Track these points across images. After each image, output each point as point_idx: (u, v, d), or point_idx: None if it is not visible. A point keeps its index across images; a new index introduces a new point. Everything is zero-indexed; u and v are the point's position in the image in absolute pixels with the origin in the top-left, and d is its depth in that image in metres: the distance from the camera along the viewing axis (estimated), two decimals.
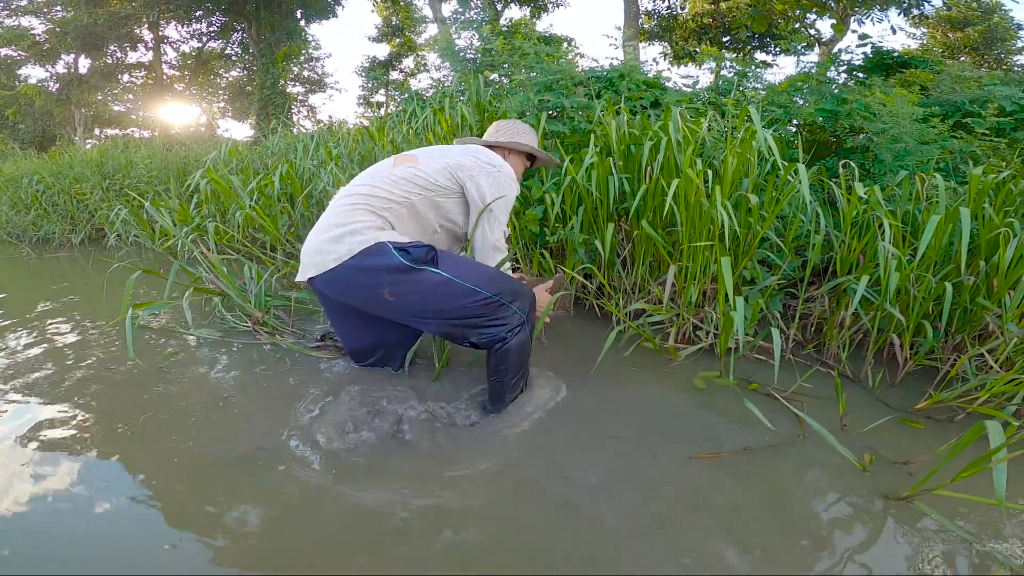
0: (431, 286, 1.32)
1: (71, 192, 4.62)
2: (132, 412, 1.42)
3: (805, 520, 1.02)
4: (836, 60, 3.73)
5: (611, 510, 1.05)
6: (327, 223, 1.39)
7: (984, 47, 12.91)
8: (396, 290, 1.32)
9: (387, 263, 1.30)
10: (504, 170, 1.50)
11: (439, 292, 1.32)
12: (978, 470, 0.93)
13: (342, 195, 1.45)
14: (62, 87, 14.73)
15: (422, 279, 1.31)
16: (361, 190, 1.42)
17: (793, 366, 1.64)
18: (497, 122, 1.75)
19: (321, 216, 1.46)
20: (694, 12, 11.73)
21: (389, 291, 1.33)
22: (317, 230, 1.41)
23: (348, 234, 1.34)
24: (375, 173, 1.47)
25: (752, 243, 1.70)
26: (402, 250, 1.32)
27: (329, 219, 1.40)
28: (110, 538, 0.99)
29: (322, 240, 1.37)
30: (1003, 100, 2.52)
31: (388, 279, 1.31)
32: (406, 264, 1.31)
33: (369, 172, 1.49)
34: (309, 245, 1.42)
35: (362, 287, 1.35)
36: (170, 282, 2.02)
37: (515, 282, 1.42)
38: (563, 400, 1.46)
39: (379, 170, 1.48)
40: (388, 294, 1.33)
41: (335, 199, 1.47)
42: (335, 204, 1.44)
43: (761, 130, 1.67)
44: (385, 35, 14.65)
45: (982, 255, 1.57)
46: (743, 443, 1.27)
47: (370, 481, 1.13)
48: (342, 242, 1.34)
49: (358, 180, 1.47)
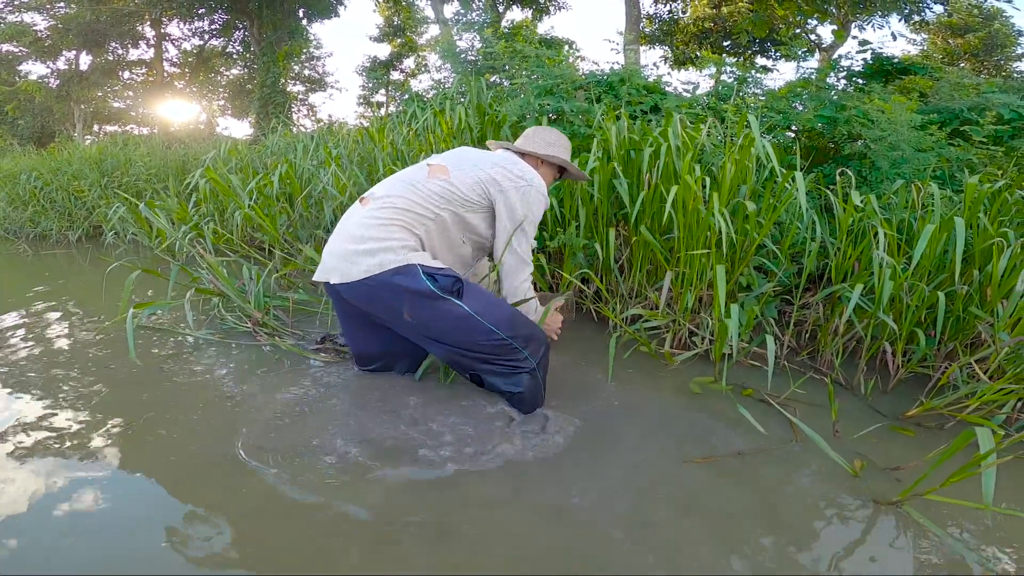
0: (451, 317, 1.33)
1: (69, 189, 4.62)
2: (132, 412, 1.43)
3: (795, 524, 1.03)
4: (836, 66, 3.75)
5: (604, 513, 1.06)
6: (361, 234, 1.37)
7: (984, 53, 12.97)
8: (416, 312, 1.35)
9: (414, 286, 1.32)
10: (535, 184, 1.48)
11: (458, 324, 1.34)
12: (967, 475, 0.95)
13: (378, 204, 1.41)
14: (62, 83, 14.71)
15: (444, 308, 1.33)
16: (397, 203, 1.39)
17: (787, 372, 1.65)
18: (533, 128, 1.71)
19: (347, 219, 1.44)
20: (695, 16, 11.76)
21: (409, 312, 1.35)
22: (347, 237, 1.39)
23: (382, 250, 1.34)
24: (410, 183, 1.44)
25: (749, 250, 1.71)
26: (430, 276, 1.33)
27: (363, 230, 1.37)
28: (108, 537, 0.99)
29: (354, 250, 1.36)
30: (1001, 108, 2.53)
31: (410, 300, 1.33)
32: (432, 290, 1.32)
33: (404, 181, 1.46)
34: (336, 249, 1.40)
35: (384, 302, 1.36)
36: (171, 283, 2.03)
37: (532, 326, 1.42)
38: (558, 403, 1.47)
39: (414, 180, 1.45)
40: (407, 314, 1.35)
41: (367, 206, 1.42)
42: (370, 213, 1.39)
43: (759, 137, 1.68)
44: (386, 35, 14.65)
45: (976, 264, 1.58)
46: (737, 448, 1.28)
47: (365, 483, 1.14)
48: (374, 256, 1.34)
49: (393, 189, 1.44)
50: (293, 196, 2.83)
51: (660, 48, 12.22)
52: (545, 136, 1.67)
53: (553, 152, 1.63)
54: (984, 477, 0.89)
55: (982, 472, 0.89)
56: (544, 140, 1.66)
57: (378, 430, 1.34)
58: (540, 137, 1.67)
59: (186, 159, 4.51)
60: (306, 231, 2.73)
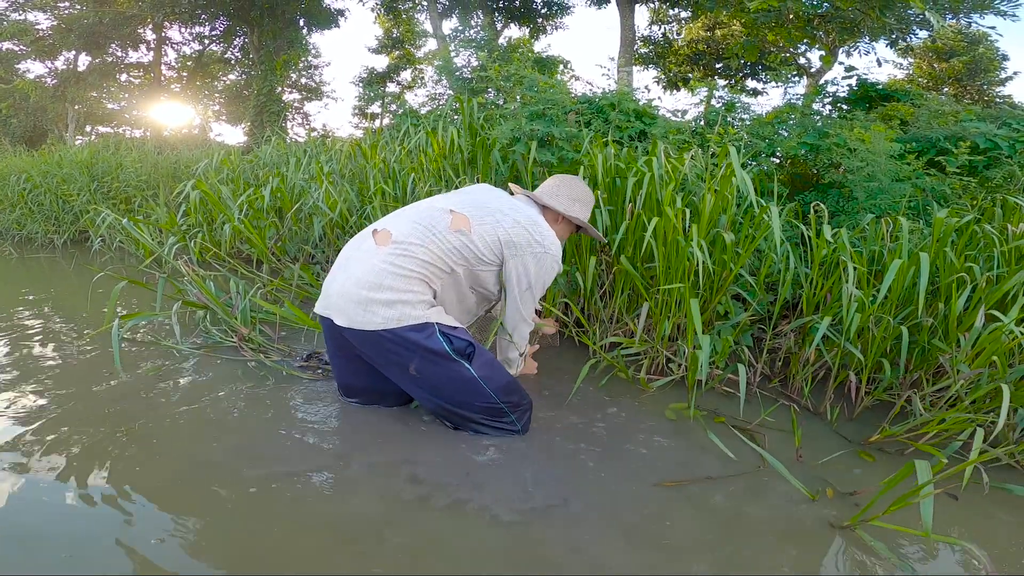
0: (458, 379, 1.35)
1: (57, 192, 4.60)
2: (112, 424, 1.43)
3: (753, 545, 1.07)
4: (822, 91, 3.87)
5: (573, 528, 1.09)
6: (379, 281, 1.31)
7: (967, 78, 13.33)
8: (424, 369, 1.35)
9: (430, 345, 1.32)
10: (552, 252, 1.46)
11: (462, 386, 1.36)
12: (905, 504, 1.00)
13: (398, 250, 1.34)
14: (59, 83, 14.66)
15: (453, 369, 1.35)
16: (418, 252, 1.35)
17: (758, 399, 1.69)
18: (560, 178, 1.64)
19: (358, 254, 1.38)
20: (689, 39, 12.04)
21: (417, 367, 1.35)
22: (362, 281, 1.32)
23: (401, 303, 1.31)
24: (431, 231, 1.38)
25: (727, 279, 1.76)
26: (446, 337, 1.34)
27: (381, 278, 1.32)
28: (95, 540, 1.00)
29: (370, 298, 1.31)
30: (977, 137, 2.59)
31: (422, 357, 1.33)
32: (446, 351, 1.33)
33: (424, 225, 1.39)
34: (348, 290, 1.34)
35: (392, 354, 1.35)
36: (159, 295, 2.03)
37: (523, 393, 1.45)
38: (537, 426, 1.49)
39: (434, 227, 1.38)
40: (414, 369, 1.35)
41: (385, 248, 1.35)
42: (388, 259, 1.33)
43: (739, 170, 1.74)
44: (385, 47, 14.81)
45: (942, 297, 1.64)
46: (706, 472, 1.31)
47: (339, 496, 1.15)
48: (393, 308, 1.31)
49: (413, 234, 1.37)
50: (283, 210, 2.86)
51: (653, 69, 12.47)
52: (570, 191, 1.61)
53: (575, 212, 1.59)
54: (923, 506, 0.94)
55: (920, 501, 0.94)
56: (568, 196, 1.60)
57: (350, 445, 1.36)
58: (565, 192, 1.60)
59: (177, 166, 4.52)
60: (294, 245, 2.75)
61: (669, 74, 11.98)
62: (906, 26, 7.97)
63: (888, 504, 1.05)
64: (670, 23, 12.16)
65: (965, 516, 1.19)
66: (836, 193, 2.44)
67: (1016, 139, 2.61)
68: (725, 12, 8.93)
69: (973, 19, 7.80)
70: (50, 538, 1.04)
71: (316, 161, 3.23)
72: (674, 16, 11.85)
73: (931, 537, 0.95)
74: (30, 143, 12.31)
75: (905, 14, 7.42)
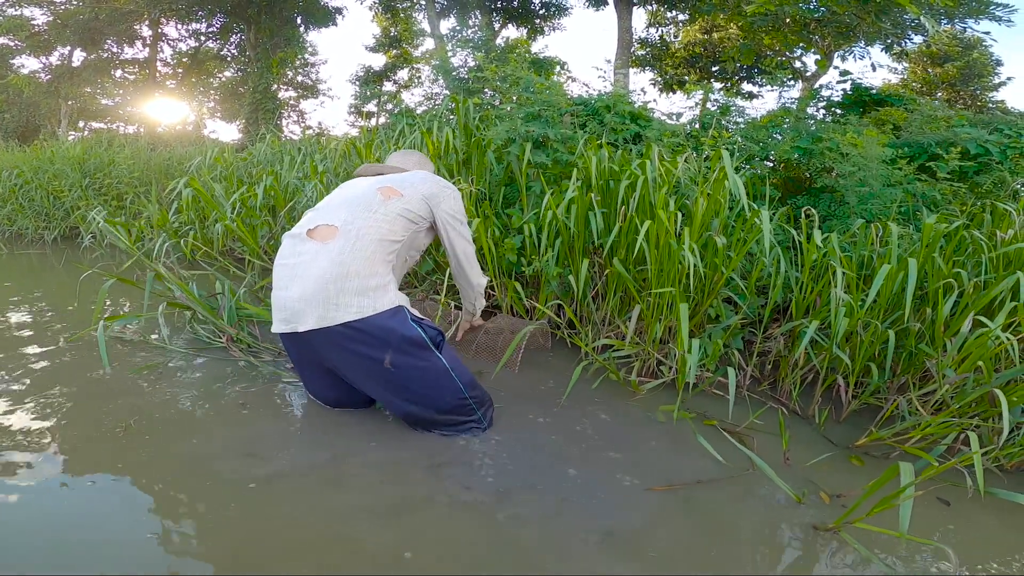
0: (432, 370, 1.32)
1: (48, 188, 4.56)
2: (97, 424, 1.42)
3: (737, 547, 1.08)
4: (816, 95, 3.89)
5: (560, 529, 1.09)
6: (341, 271, 1.25)
7: (961, 83, 13.43)
8: (401, 361, 1.28)
9: (406, 332, 1.28)
10: (454, 188, 1.61)
11: (435, 380, 1.33)
12: (889, 506, 1.00)
13: (350, 236, 1.31)
14: (53, 79, 14.54)
15: (429, 360, 1.32)
16: (371, 232, 1.33)
17: (749, 402, 1.69)
18: (401, 153, 1.85)
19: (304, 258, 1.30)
20: (686, 41, 12.09)
21: (392, 359, 1.28)
22: (321, 277, 1.25)
23: (372, 289, 1.27)
24: (369, 209, 1.37)
25: (718, 283, 1.76)
26: (418, 324, 1.31)
27: (342, 267, 1.25)
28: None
29: (337, 289, 1.24)
30: (968, 143, 2.59)
31: (398, 347, 1.27)
32: (423, 339, 1.31)
33: (361, 206, 1.38)
34: (307, 293, 1.26)
35: (365, 345, 1.27)
36: (147, 292, 2.02)
37: (485, 391, 1.47)
38: (523, 429, 1.49)
39: (371, 205, 1.39)
40: (389, 361, 1.28)
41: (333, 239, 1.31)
42: (344, 247, 1.29)
43: (732, 174, 1.74)
44: (382, 46, 14.78)
45: (930, 303, 1.65)
46: (694, 474, 1.31)
47: (323, 494, 1.15)
48: (365, 296, 1.25)
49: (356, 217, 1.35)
50: (277, 208, 2.84)
51: (650, 71, 12.51)
52: (410, 157, 1.81)
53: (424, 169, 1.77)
54: (901, 509, 0.95)
55: (900, 503, 0.95)
56: (413, 161, 1.79)
57: (339, 443, 1.35)
58: (406, 160, 1.80)
59: (170, 163, 4.49)
60: None
61: (665, 76, 12.02)
62: (901, 31, 8.02)
63: (872, 506, 1.06)
64: (667, 26, 12.20)
65: (952, 520, 1.20)
66: (828, 197, 2.45)
67: (1007, 145, 2.63)
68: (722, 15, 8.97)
69: (968, 24, 7.86)
70: (45, 536, 1.03)
71: (311, 160, 3.22)
72: (671, 19, 11.90)
73: (905, 538, 0.96)
74: (22, 138, 12.22)
75: (901, 19, 7.47)
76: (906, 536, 0.94)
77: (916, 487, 0.96)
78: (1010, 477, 1.36)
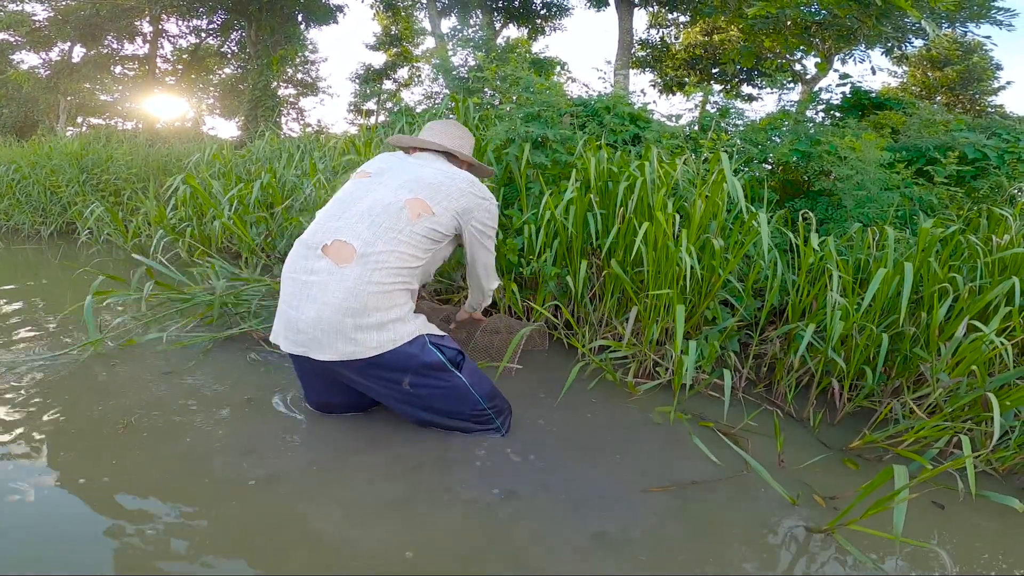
0: (451, 388, 1.33)
1: (46, 184, 4.54)
2: (108, 417, 1.42)
3: (731, 548, 1.08)
4: (816, 98, 3.90)
5: (553, 528, 1.10)
6: (358, 305, 1.20)
7: (960, 87, 13.46)
8: (419, 382, 1.30)
9: (425, 359, 1.29)
10: (492, 200, 1.52)
11: (455, 396, 1.35)
12: (882, 508, 1.01)
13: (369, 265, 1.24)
14: (52, 74, 14.51)
15: (450, 381, 1.33)
16: (391, 260, 1.26)
17: (744, 404, 1.70)
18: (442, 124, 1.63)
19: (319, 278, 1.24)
20: (687, 43, 12.10)
21: (411, 381, 1.30)
22: (337, 308, 1.20)
23: (392, 322, 1.25)
24: (395, 230, 1.29)
25: (715, 285, 1.76)
26: (437, 347, 1.32)
27: (360, 300, 1.21)
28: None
29: (354, 324, 1.21)
30: (966, 147, 2.60)
31: (417, 371, 1.29)
32: (441, 362, 1.31)
33: (386, 227, 1.29)
34: (322, 322, 1.21)
35: (386, 371, 1.28)
36: (136, 286, 2.01)
37: (503, 397, 1.46)
38: (519, 429, 1.49)
39: (398, 226, 1.30)
40: (407, 383, 1.30)
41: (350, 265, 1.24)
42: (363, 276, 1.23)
43: (731, 177, 1.74)
44: (383, 44, 14.77)
45: (925, 307, 1.66)
46: (691, 476, 1.32)
47: (322, 490, 1.15)
48: (385, 331, 1.24)
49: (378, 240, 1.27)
50: (274, 205, 2.84)
51: (650, 73, 12.52)
52: (452, 131, 1.63)
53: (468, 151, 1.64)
54: (896, 511, 0.95)
55: (894, 506, 0.96)
56: (464, 141, 1.63)
57: (341, 437, 1.35)
58: (448, 133, 1.61)
59: (168, 160, 4.48)
60: (284, 241, 2.74)
61: (665, 78, 12.04)
62: (902, 35, 8.05)
63: (866, 509, 1.06)
64: (668, 27, 12.22)
65: (945, 523, 1.20)
66: (825, 201, 2.46)
67: (1005, 149, 2.64)
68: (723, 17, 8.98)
69: (969, 28, 7.88)
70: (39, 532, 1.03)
71: (310, 158, 3.22)
72: (672, 20, 11.91)
73: (900, 541, 0.96)
74: (20, 133, 12.18)
75: (902, 23, 7.49)
76: (900, 539, 0.94)
77: (909, 490, 0.96)
78: (1002, 480, 1.37)
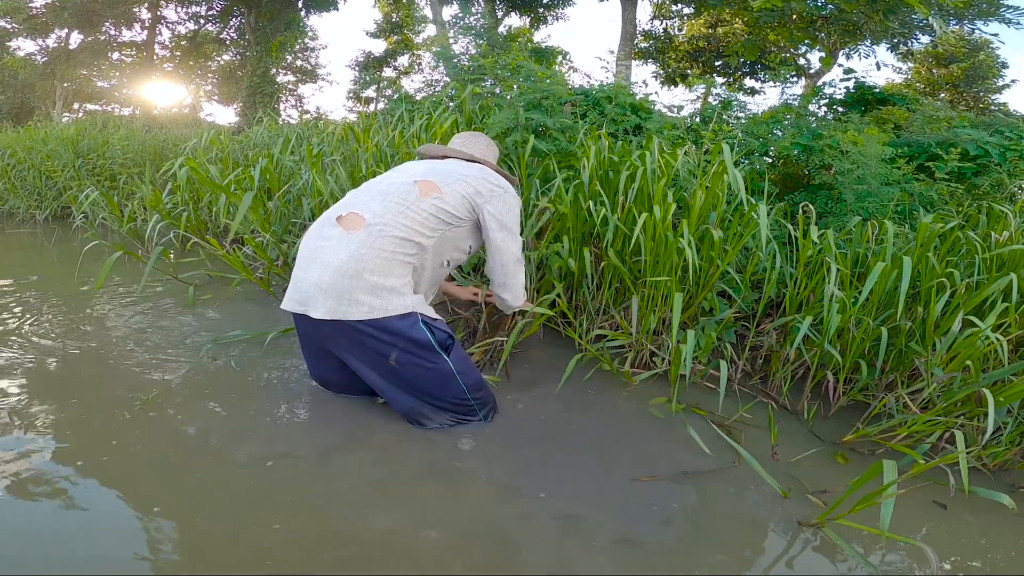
0: (439, 373, 1.34)
1: (41, 168, 4.51)
2: (126, 397, 1.42)
3: (720, 541, 1.09)
4: (819, 92, 3.86)
5: (540, 518, 1.10)
6: (357, 268, 1.25)
7: (965, 85, 13.36)
8: (405, 360, 1.32)
9: (413, 335, 1.30)
10: (511, 191, 1.51)
11: (439, 380, 1.35)
12: (871, 503, 1.01)
13: (374, 232, 1.29)
14: (49, 61, 14.35)
15: (436, 364, 1.33)
16: (395, 231, 1.30)
17: (739, 395, 1.70)
18: (464, 135, 1.72)
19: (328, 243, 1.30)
20: (690, 35, 11.98)
21: (397, 358, 1.31)
22: (338, 270, 1.25)
23: (386, 291, 1.27)
24: (403, 204, 1.35)
25: (713, 276, 1.76)
26: (428, 327, 1.32)
27: (360, 263, 1.25)
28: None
29: (351, 285, 1.25)
30: (968, 144, 2.57)
31: (404, 347, 1.30)
32: (429, 342, 1.32)
33: (394, 199, 1.35)
34: (323, 281, 1.26)
35: (373, 343, 1.30)
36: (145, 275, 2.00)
37: (489, 390, 1.47)
38: (515, 417, 1.49)
39: (406, 200, 1.35)
40: (394, 359, 1.31)
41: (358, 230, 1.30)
42: (365, 241, 1.28)
43: (732, 168, 1.73)
44: (383, 31, 14.62)
45: (922, 302, 1.65)
46: (683, 466, 1.32)
47: (328, 479, 1.16)
48: (378, 296, 1.26)
49: (386, 211, 1.32)
50: (272, 191, 2.82)
51: (652, 64, 12.41)
52: (478, 141, 1.71)
53: (492, 160, 1.69)
54: (883, 506, 0.96)
55: (882, 501, 0.96)
56: (480, 146, 1.69)
57: (348, 427, 1.35)
58: (474, 143, 1.69)
59: (165, 145, 4.44)
60: (281, 225, 2.72)
61: (668, 69, 11.93)
62: (909, 30, 7.96)
63: (855, 503, 1.06)
64: (672, 19, 12.09)
65: (934, 518, 1.21)
66: (825, 194, 2.45)
67: (1007, 147, 2.62)
68: (728, 10, 8.89)
69: (977, 25, 7.79)
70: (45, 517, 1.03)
71: (307, 144, 3.19)
72: (676, 12, 11.78)
73: (886, 536, 0.96)
74: (16, 119, 12.07)
75: (909, 19, 7.40)
76: (886, 534, 0.94)
77: (899, 485, 0.97)
78: (992, 477, 1.38)
